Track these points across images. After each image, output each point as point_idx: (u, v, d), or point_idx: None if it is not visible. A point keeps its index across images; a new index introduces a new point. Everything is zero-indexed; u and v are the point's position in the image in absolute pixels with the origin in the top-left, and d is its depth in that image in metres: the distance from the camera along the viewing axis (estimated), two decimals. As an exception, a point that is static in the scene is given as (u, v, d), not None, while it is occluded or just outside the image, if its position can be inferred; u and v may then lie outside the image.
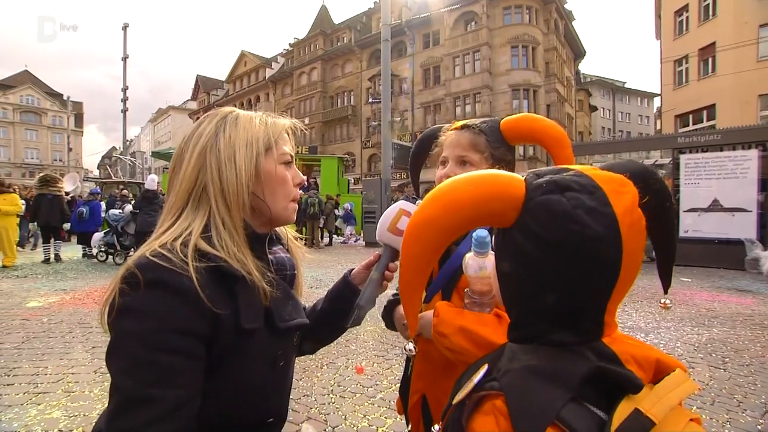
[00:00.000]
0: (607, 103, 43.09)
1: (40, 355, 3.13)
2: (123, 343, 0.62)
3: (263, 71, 41.26)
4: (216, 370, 0.67)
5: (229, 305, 0.67)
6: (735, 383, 2.70)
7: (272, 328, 0.73)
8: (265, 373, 0.73)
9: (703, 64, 17.15)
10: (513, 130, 0.98)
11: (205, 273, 0.65)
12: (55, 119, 54.32)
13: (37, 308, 4.52)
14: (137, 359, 0.60)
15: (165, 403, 0.60)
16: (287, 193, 0.79)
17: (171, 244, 0.67)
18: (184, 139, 0.77)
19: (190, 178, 0.72)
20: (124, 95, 20.60)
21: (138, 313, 0.62)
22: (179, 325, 0.62)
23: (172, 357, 0.61)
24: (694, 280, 6.48)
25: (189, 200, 0.72)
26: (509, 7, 24.79)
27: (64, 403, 2.37)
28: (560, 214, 0.44)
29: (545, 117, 1.02)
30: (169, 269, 0.63)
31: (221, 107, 0.85)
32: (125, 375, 0.60)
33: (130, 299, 0.62)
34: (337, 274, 7.47)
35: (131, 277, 0.63)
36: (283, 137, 0.79)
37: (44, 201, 8.07)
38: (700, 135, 8.43)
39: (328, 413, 2.32)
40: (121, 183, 15.65)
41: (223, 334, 0.66)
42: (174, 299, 0.62)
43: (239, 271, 0.68)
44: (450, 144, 0.99)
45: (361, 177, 26.93)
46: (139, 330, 0.61)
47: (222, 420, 0.69)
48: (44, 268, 7.37)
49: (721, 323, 4.09)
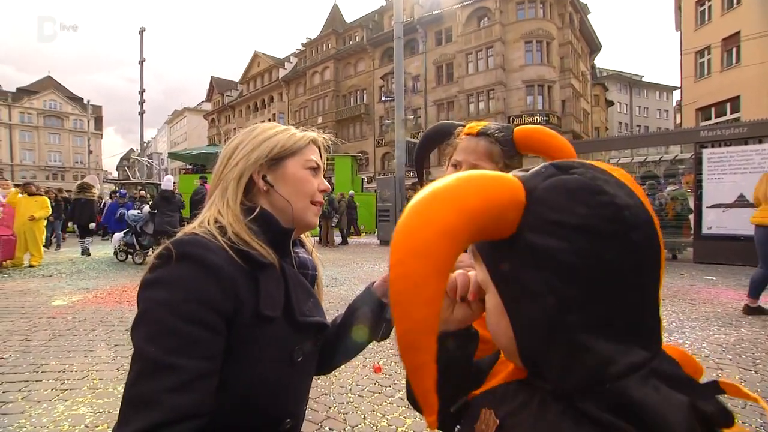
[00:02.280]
0: (624, 97, 42.17)
1: (66, 352, 3.22)
2: (150, 311, 0.64)
3: (276, 71, 41.61)
4: (232, 354, 0.68)
5: (251, 290, 0.70)
6: (767, 385, 2.60)
7: (291, 320, 0.74)
8: (282, 366, 0.73)
9: (726, 55, 16.60)
10: (525, 141, 0.97)
11: (232, 253, 0.69)
12: (76, 122, 55.96)
13: (63, 306, 4.64)
14: (162, 327, 0.62)
15: (186, 372, 0.60)
16: (309, 192, 0.83)
17: (202, 225, 0.74)
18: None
19: (216, 175, 0.81)
20: (141, 98, 21.05)
21: (167, 284, 0.65)
22: (205, 297, 0.64)
23: (197, 328, 0.63)
24: (719, 278, 6.28)
25: (215, 192, 0.79)
26: (523, 2, 24.41)
27: (90, 400, 2.43)
28: (578, 188, 0.36)
29: (558, 134, 1.00)
30: (200, 244, 0.68)
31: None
32: (149, 341, 0.61)
33: (161, 272, 0.66)
34: (354, 273, 7.48)
35: (165, 250, 0.67)
36: (310, 146, 0.85)
37: (78, 204, 9.56)
38: (725, 128, 8.14)
39: (347, 412, 2.32)
40: (139, 184, 16.01)
41: (242, 316, 0.68)
42: (201, 272, 0.65)
43: (266, 258, 0.72)
44: (464, 149, 0.97)
45: (375, 175, 26.96)
46: (166, 299, 0.63)
47: (238, 415, 0.69)
48: (68, 267, 7.58)
49: (750, 323, 3.95)
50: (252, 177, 0.79)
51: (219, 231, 0.71)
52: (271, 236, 0.77)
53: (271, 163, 0.80)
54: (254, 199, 0.80)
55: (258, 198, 0.80)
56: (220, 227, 0.72)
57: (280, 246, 0.78)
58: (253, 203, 0.79)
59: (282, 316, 0.73)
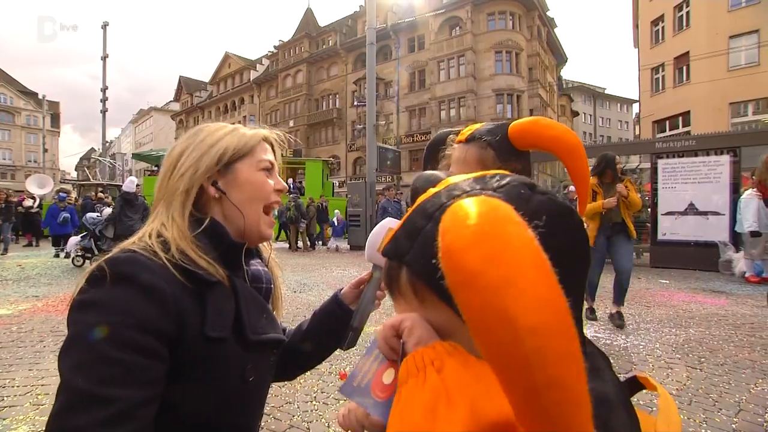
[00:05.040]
0: (588, 108, 44.14)
1: (7, 366, 2.99)
2: (80, 337, 0.58)
3: (248, 73, 40.82)
4: (180, 376, 0.64)
5: (197, 310, 0.65)
6: (711, 383, 2.76)
7: (241, 340, 0.70)
8: (234, 386, 0.70)
9: (678, 73, 17.76)
10: (521, 138, 0.90)
11: (175, 272, 0.64)
12: (30, 119, 52.61)
13: (6, 316, 4.33)
14: (95, 355, 0.56)
15: (122, 403, 0.55)
16: (264, 196, 0.79)
17: (142, 239, 0.68)
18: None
19: (160, 183, 0.76)
20: (104, 95, 20.09)
21: (101, 307, 0.59)
22: (143, 321, 0.59)
23: (134, 355, 0.58)
24: (672, 282, 6.65)
25: (159, 203, 0.74)
26: (493, 13, 25.19)
27: (32, 417, 2.27)
28: (563, 212, 0.38)
29: (557, 122, 0.90)
30: (138, 263, 0.63)
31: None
32: (78, 371, 0.56)
33: (93, 293, 0.60)
34: (322, 279, 7.39)
35: (98, 270, 0.61)
36: (261, 145, 0.81)
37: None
38: (676, 140, 8.69)
39: (311, 421, 2.27)
40: (100, 185, 15.23)
41: (188, 337, 0.64)
42: (139, 294, 0.60)
43: (213, 277, 0.68)
44: (456, 160, 0.94)
45: (346, 180, 26.85)
46: (99, 324, 0.58)
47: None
48: (15, 273, 7.08)
49: (697, 323, 4.20)
50: (202, 185, 0.74)
51: (161, 246, 0.67)
52: (222, 251, 0.73)
53: (222, 168, 0.76)
54: (204, 207, 0.75)
55: (209, 206, 0.76)
56: (162, 242, 0.68)
57: (230, 261, 0.74)
58: (203, 213, 0.75)
59: (232, 336, 0.69)
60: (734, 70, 15.57)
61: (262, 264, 0.86)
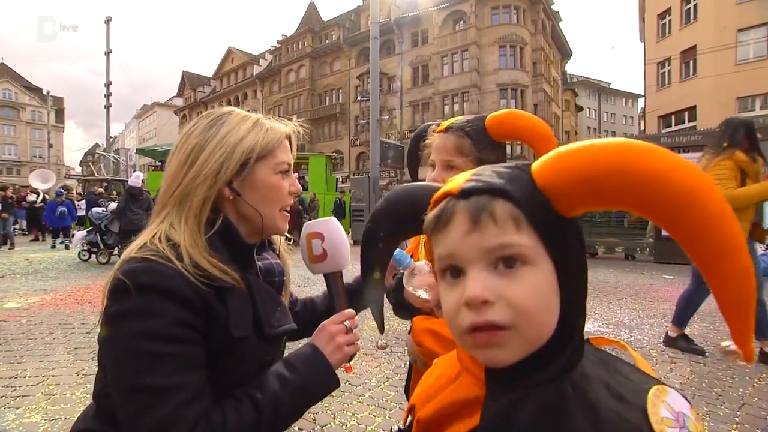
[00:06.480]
0: (592, 103, 43.78)
1: (18, 357, 3.05)
2: (129, 345, 0.62)
3: (251, 68, 40.78)
4: (210, 369, 0.69)
5: (219, 311, 0.68)
6: (714, 377, 2.77)
7: (261, 335, 0.74)
8: (251, 374, 0.74)
9: (684, 67, 17.55)
10: (498, 128, 0.94)
11: (192, 278, 0.66)
12: (35, 114, 52.84)
13: (16, 309, 4.39)
14: (152, 355, 0.61)
15: (192, 385, 0.63)
16: (279, 200, 0.78)
17: (153, 243, 0.68)
18: (179, 138, 0.78)
19: (172, 177, 0.73)
20: (108, 91, 20.13)
21: (137, 314, 0.63)
22: (178, 319, 0.64)
23: (181, 346, 0.63)
24: (676, 277, 6.63)
25: (169, 200, 0.72)
26: (497, 7, 24.97)
27: (44, 407, 2.31)
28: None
29: (532, 114, 0.98)
30: (157, 272, 0.64)
31: (221, 107, 0.84)
32: (141, 374, 0.61)
33: (123, 304, 0.63)
34: (326, 273, 7.51)
35: (120, 284, 0.63)
36: (282, 145, 0.79)
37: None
38: (682, 136, 8.62)
39: (316, 412, 2.30)
40: (105, 180, 15.34)
41: (216, 333, 0.68)
42: (166, 300, 0.64)
43: (228, 282, 0.69)
44: (436, 148, 0.98)
45: (350, 175, 26.86)
46: (143, 329, 0.62)
47: None
48: (23, 268, 7.16)
49: (701, 319, 4.19)
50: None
51: (173, 252, 0.66)
52: (234, 251, 0.73)
53: (239, 168, 0.73)
54: (217, 205, 0.73)
55: (221, 205, 0.74)
56: (173, 246, 0.67)
57: (243, 260, 0.75)
58: (214, 211, 0.73)
59: (252, 333, 0.72)
60: (742, 64, 15.36)
61: (273, 255, 0.88)
